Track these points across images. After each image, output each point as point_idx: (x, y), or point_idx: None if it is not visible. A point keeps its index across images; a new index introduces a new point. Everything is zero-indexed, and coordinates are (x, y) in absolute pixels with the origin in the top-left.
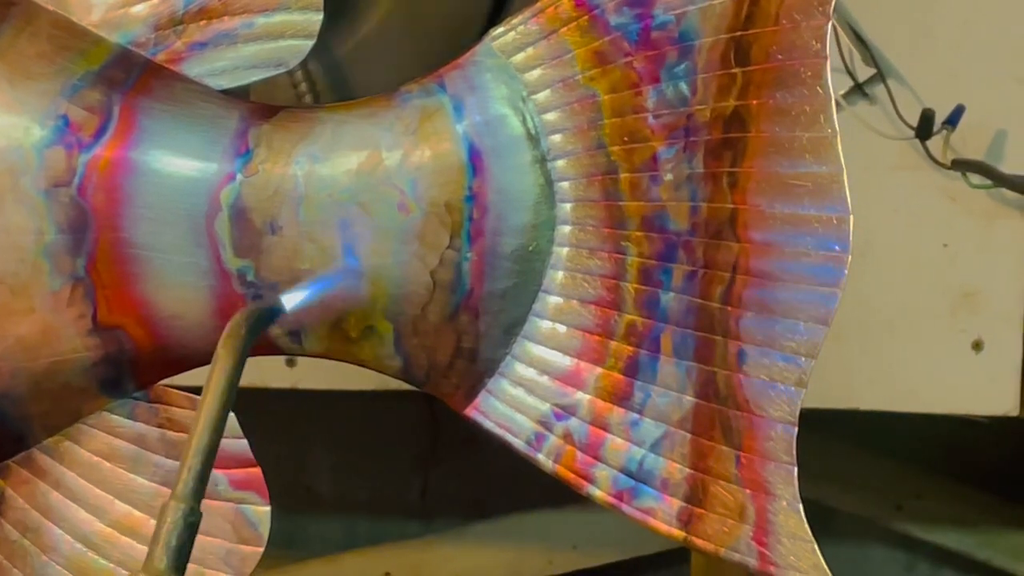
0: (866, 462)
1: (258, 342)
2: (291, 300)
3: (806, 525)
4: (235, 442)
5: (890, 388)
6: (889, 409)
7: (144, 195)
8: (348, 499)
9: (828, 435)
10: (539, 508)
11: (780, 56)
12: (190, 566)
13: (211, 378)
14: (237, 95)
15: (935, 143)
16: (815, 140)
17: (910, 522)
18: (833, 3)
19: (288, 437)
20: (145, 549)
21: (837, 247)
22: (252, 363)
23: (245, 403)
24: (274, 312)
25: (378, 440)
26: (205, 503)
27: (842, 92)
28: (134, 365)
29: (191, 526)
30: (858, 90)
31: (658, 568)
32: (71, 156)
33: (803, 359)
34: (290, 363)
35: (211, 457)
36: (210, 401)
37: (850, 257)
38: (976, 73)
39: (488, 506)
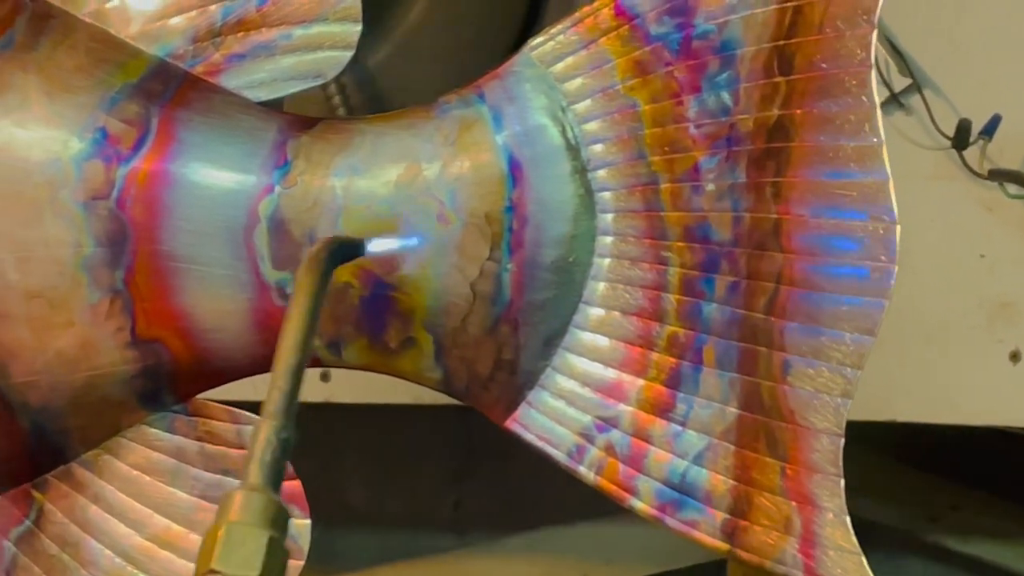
0: (902, 474)
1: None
2: (377, 245)
3: (853, 537)
4: None
5: (927, 399)
6: (926, 421)
7: (183, 207)
8: (382, 513)
9: (864, 447)
10: (573, 521)
11: (824, 65)
12: None
13: (294, 300)
14: (271, 103)
15: (971, 153)
16: (860, 149)
17: (946, 534)
18: (878, 11)
19: (322, 451)
20: (185, 564)
21: (883, 256)
22: None
23: None
24: (357, 245)
25: (412, 454)
26: None
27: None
28: (173, 378)
29: (284, 442)
30: (894, 100)
31: None
32: (110, 169)
33: (849, 369)
34: (324, 377)
35: (299, 376)
36: (294, 322)
37: (896, 266)
38: (1012, 83)
39: (522, 519)
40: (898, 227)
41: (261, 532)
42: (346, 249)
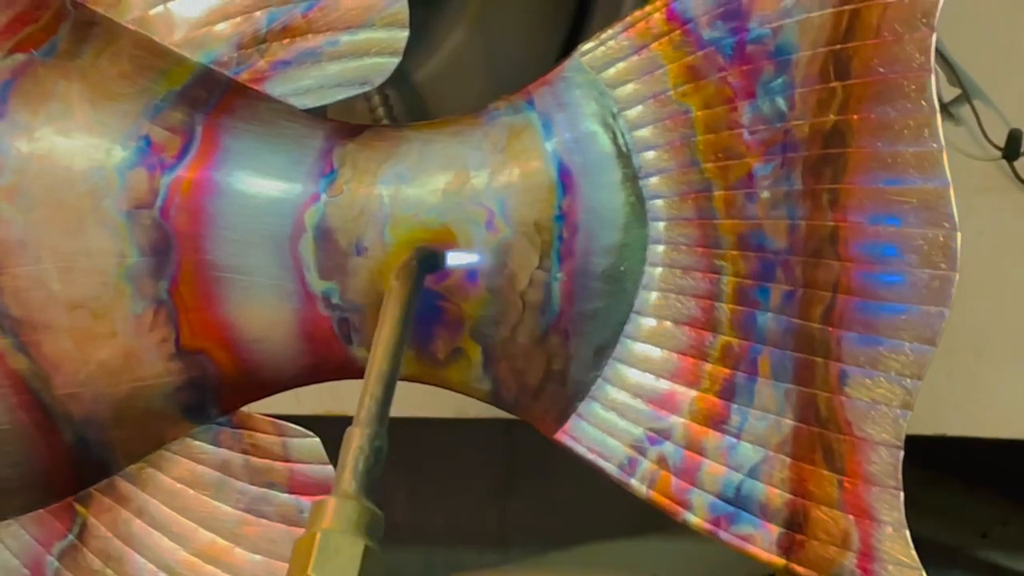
0: (952, 489)
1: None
2: (456, 259)
3: (913, 551)
4: (320, 468)
5: (977, 414)
6: (976, 435)
7: (228, 216)
8: (425, 529)
9: (912, 462)
10: (618, 537)
11: (882, 69)
12: None
13: (386, 307)
14: (319, 115)
15: (1022, 164)
16: (919, 155)
17: (997, 550)
18: (937, 14)
19: None
20: None
21: (943, 264)
22: (330, 389)
23: (323, 431)
24: (439, 256)
25: (455, 468)
26: (290, 531)
27: None
28: (217, 390)
29: (377, 450)
30: (943, 111)
31: None
32: (153, 177)
33: (909, 380)
34: None
35: (392, 384)
36: (388, 329)
37: (957, 275)
38: None
39: (566, 535)
40: (959, 234)
41: (356, 540)
42: (432, 258)
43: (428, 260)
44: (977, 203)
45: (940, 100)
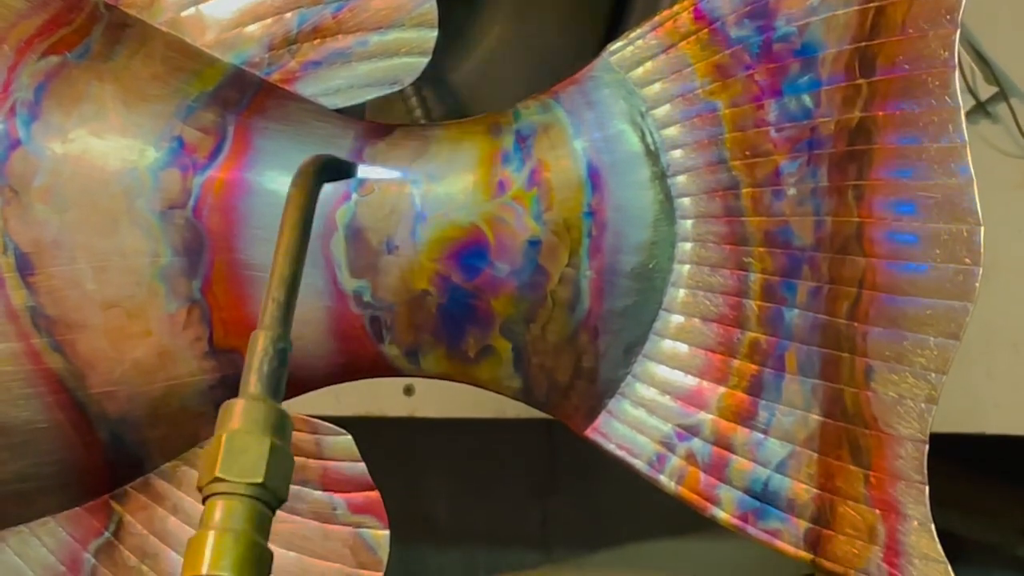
0: (991, 488)
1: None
2: (365, 172)
3: (938, 545)
4: (353, 465)
5: (1016, 411)
6: (1015, 433)
7: (259, 216)
8: (467, 529)
9: (951, 460)
10: (659, 537)
11: (907, 66)
12: None
13: (286, 213)
14: (352, 114)
15: None
16: (944, 150)
17: None
18: (961, 11)
19: (406, 466)
20: None
21: (967, 258)
22: (369, 390)
23: (362, 431)
24: (349, 167)
25: (496, 469)
26: (323, 527)
27: (964, 111)
28: None
29: (281, 352)
30: (980, 109)
31: None
32: (186, 177)
33: (934, 374)
34: (408, 391)
35: (294, 287)
36: (287, 235)
37: (981, 269)
38: None
39: (608, 535)
40: (982, 228)
41: (263, 439)
42: (335, 167)
43: (324, 169)
44: (1014, 201)
45: (977, 98)
